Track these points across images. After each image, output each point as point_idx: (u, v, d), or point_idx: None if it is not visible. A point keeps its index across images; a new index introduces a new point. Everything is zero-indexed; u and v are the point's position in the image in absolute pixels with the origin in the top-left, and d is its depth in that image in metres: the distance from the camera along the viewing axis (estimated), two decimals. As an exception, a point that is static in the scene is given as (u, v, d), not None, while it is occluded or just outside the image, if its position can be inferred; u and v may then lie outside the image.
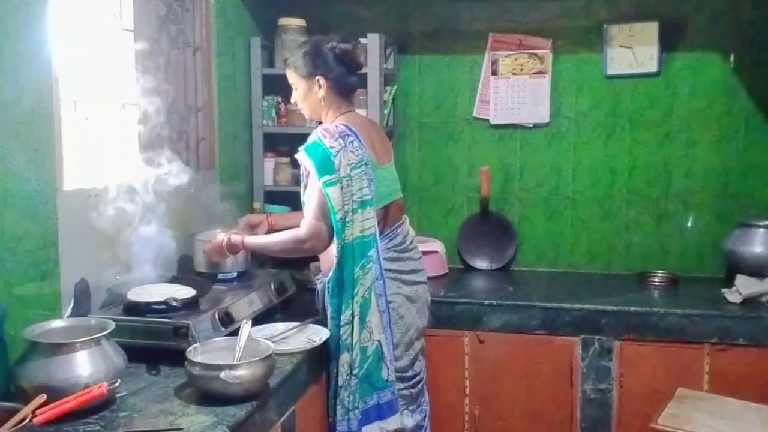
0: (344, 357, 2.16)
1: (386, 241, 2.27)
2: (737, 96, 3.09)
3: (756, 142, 3.09)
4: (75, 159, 2.17)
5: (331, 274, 2.19)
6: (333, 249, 2.17)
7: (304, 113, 2.38)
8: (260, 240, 2.32)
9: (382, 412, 2.20)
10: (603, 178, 3.25)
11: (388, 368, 2.19)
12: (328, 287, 2.21)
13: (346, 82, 2.27)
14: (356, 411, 2.15)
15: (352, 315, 2.14)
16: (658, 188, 3.21)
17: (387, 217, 2.29)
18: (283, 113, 3.25)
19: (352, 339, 2.15)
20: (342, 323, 2.16)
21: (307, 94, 2.28)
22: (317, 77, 2.24)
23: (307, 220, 2.14)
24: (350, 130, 2.19)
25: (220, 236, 2.32)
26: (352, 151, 2.14)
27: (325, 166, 2.11)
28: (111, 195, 2.18)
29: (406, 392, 2.32)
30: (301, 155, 2.17)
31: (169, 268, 2.42)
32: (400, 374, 2.28)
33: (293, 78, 2.29)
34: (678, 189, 3.19)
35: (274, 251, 2.31)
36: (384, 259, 2.23)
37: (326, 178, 2.10)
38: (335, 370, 2.19)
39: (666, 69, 3.13)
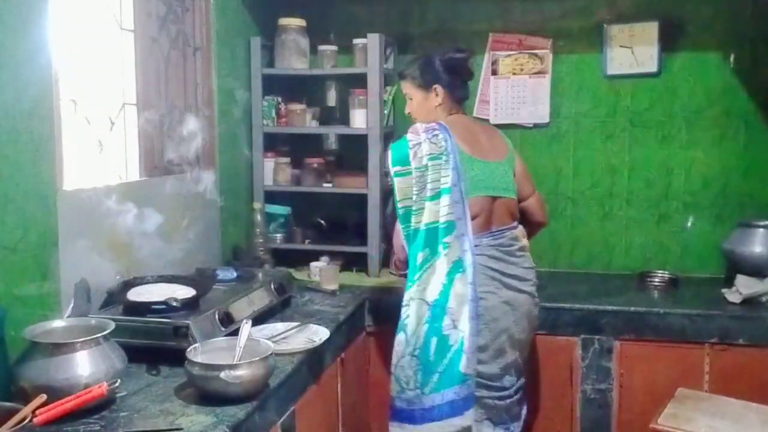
0: (399, 337, 2.23)
1: (490, 238, 2.29)
2: (737, 96, 3.09)
3: (756, 142, 3.09)
4: (75, 159, 2.17)
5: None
6: None
7: (418, 120, 2.42)
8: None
9: (456, 407, 2.18)
10: (603, 178, 3.25)
11: (468, 360, 2.16)
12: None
13: (459, 89, 2.41)
14: (410, 393, 2.19)
15: (410, 298, 2.21)
16: (658, 188, 3.21)
17: (492, 215, 2.32)
18: (283, 113, 3.25)
19: (410, 320, 2.19)
20: (403, 303, 2.23)
21: (423, 103, 2.41)
22: (434, 86, 2.37)
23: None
24: (441, 125, 2.28)
25: None
26: (434, 143, 2.22)
27: (399, 158, 2.23)
28: (111, 195, 2.18)
29: (490, 402, 2.26)
30: (388, 152, 2.30)
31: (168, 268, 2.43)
32: (486, 382, 2.24)
33: (409, 89, 2.44)
34: (678, 189, 3.19)
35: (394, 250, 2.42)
36: (485, 255, 2.25)
37: (397, 168, 2.23)
38: (393, 348, 2.26)
39: (666, 69, 3.13)
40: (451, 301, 2.17)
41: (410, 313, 2.21)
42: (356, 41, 3.15)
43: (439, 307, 2.17)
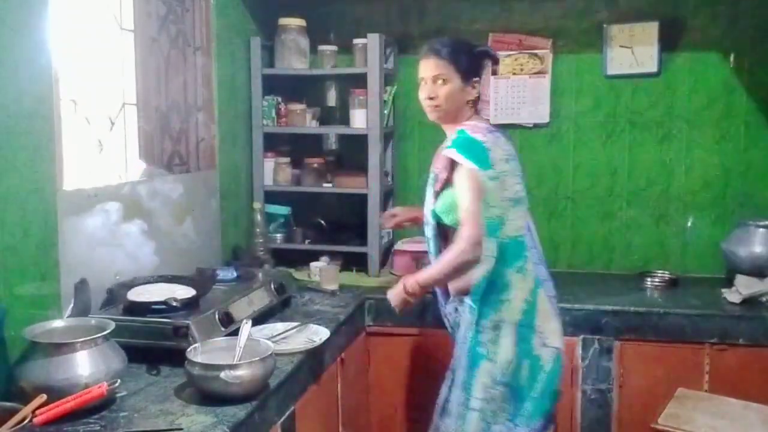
0: (485, 366, 2.05)
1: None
2: (737, 96, 3.09)
3: (756, 142, 3.09)
4: (75, 159, 2.17)
5: (481, 277, 2.04)
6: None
7: (439, 110, 2.18)
8: (426, 273, 2.15)
9: None
10: (603, 178, 3.25)
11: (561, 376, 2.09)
12: (474, 290, 2.06)
13: (482, 94, 2.28)
14: (507, 424, 2.05)
15: (498, 321, 2.05)
16: (658, 188, 3.21)
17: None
18: (283, 113, 3.25)
19: (493, 348, 2.04)
20: (483, 328, 2.05)
21: (458, 94, 2.16)
22: (474, 79, 2.18)
23: (466, 228, 2.01)
24: (495, 128, 2.19)
25: (399, 287, 2.18)
26: (501, 147, 2.10)
27: (483, 160, 2.03)
28: (111, 195, 2.18)
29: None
30: (453, 153, 2.06)
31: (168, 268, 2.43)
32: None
33: (448, 72, 2.13)
34: (678, 189, 3.19)
35: (443, 278, 2.13)
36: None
37: (489, 172, 2.03)
38: (471, 381, 2.06)
39: (666, 69, 3.13)
40: (537, 318, 2.08)
41: (503, 338, 2.04)
42: (356, 41, 3.15)
43: (527, 326, 2.06)
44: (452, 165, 2.08)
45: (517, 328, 2.06)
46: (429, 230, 2.22)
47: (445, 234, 2.16)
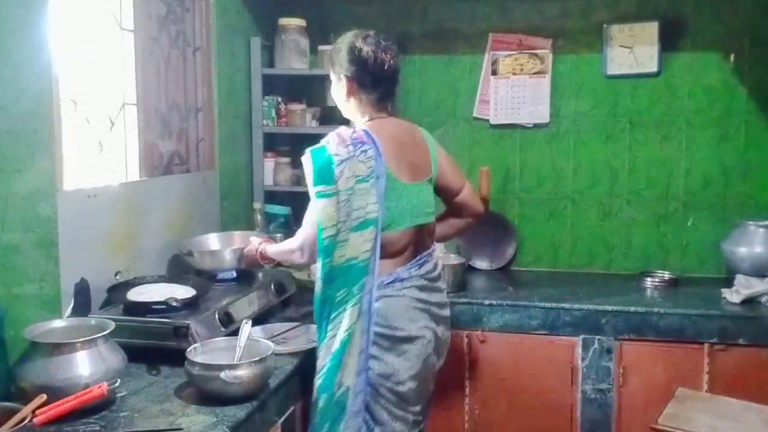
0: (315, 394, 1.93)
1: (417, 267, 2.04)
2: (737, 96, 3.09)
3: (756, 142, 3.09)
4: (75, 159, 2.17)
5: (315, 294, 1.95)
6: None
7: (345, 113, 2.20)
8: (272, 248, 2.24)
9: None
10: (603, 178, 3.25)
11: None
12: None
13: (371, 87, 2.06)
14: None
15: (325, 345, 1.92)
16: (658, 188, 3.21)
17: (420, 242, 2.08)
18: (283, 113, 3.25)
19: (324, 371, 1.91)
20: (319, 353, 1.94)
21: (336, 91, 2.14)
22: (342, 75, 2.07)
23: (300, 230, 2.01)
24: (370, 137, 1.97)
25: (255, 243, 2.29)
26: (362, 162, 1.91)
27: (323, 174, 1.89)
28: (111, 195, 2.18)
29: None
30: (305, 157, 1.96)
31: (165, 268, 2.43)
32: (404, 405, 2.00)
33: (330, 71, 2.13)
34: (678, 189, 3.19)
35: (280, 260, 2.22)
36: (415, 286, 2.02)
37: (320, 188, 1.89)
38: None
39: (666, 69, 3.13)
40: (346, 353, 1.89)
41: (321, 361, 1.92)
42: (356, 41, 3.14)
43: (337, 359, 1.89)
44: None
45: (330, 359, 1.90)
46: None
47: None
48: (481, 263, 3.32)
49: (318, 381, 1.92)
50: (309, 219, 1.98)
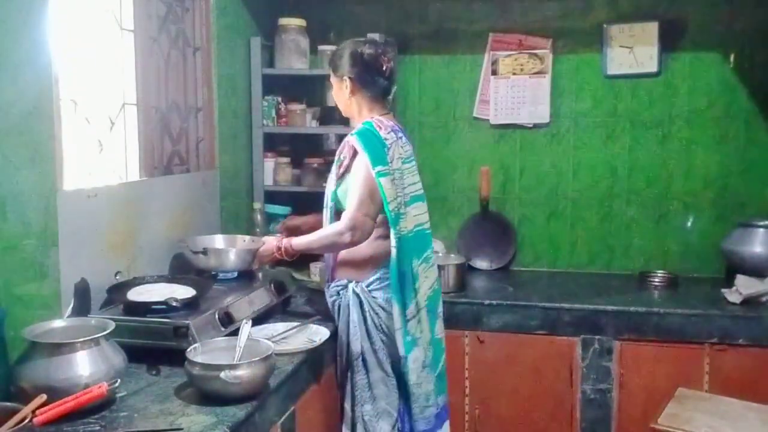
0: (415, 353, 2.18)
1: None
2: (737, 96, 3.09)
3: (756, 142, 3.09)
4: (75, 159, 2.17)
5: (391, 267, 2.15)
6: (366, 249, 2.19)
7: (345, 113, 2.40)
8: (304, 240, 2.26)
9: (445, 414, 2.32)
10: (603, 178, 3.26)
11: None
12: (388, 282, 2.17)
13: (372, 85, 2.26)
14: (432, 408, 2.22)
15: (417, 309, 2.18)
16: (658, 188, 3.21)
17: None
18: (283, 113, 3.25)
19: (419, 334, 2.19)
20: (408, 317, 2.17)
21: (338, 93, 2.32)
22: (344, 76, 2.26)
23: (349, 212, 2.13)
24: (398, 127, 2.27)
25: (272, 241, 2.33)
26: (401, 146, 2.21)
27: (379, 156, 2.13)
28: (111, 195, 2.18)
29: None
30: (354, 140, 2.16)
31: (165, 268, 2.43)
32: None
33: (331, 75, 2.33)
34: (678, 189, 3.19)
35: (316, 249, 2.29)
36: None
37: (380, 168, 2.12)
38: (405, 369, 2.18)
39: (666, 69, 3.14)
40: (438, 304, 2.29)
41: (420, 324, 2.20)
42: (356, 41, 3.15)
43: (432, 312, 2.24)
44: (354, 152, 2.18)
45: (428, 314, 2.21)
46: (326, 213, 2.30)
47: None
48: (481, 263, 3.32)
49: (429, 335, 2.22)
50: (355, 200, 2.13)
